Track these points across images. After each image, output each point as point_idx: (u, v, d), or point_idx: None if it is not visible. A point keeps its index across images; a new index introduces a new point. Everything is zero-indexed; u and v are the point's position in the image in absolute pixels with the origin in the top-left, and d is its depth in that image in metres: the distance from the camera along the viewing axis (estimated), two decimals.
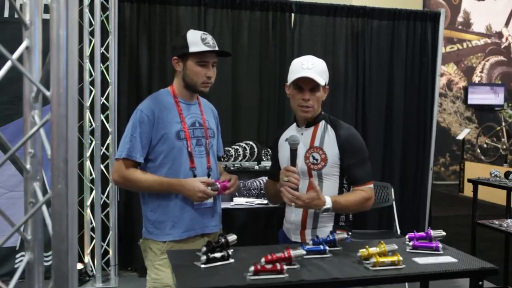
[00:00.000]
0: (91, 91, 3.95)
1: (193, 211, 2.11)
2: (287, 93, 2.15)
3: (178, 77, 2.18)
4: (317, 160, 2.06)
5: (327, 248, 1.79)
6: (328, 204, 1.97)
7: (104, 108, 3.93)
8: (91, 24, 3.91)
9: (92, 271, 3.97)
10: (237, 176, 2.21)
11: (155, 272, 2.10)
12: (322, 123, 2.13)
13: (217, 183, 2.09)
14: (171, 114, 2.12)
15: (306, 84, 2.04)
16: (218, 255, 1.68)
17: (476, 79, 9.26)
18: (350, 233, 2.11)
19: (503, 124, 8.26)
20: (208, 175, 2.15)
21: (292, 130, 2.20)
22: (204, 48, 2.08)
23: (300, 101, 2.06)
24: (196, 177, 2.10)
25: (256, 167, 4.04)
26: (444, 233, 1.91)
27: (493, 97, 9.05)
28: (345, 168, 2.07)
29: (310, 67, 2.03)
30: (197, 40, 2.09)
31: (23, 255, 3.43)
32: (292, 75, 2.06)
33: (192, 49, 2.08)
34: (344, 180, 2.11)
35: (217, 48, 2.15)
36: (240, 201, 3.96)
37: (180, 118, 2.12)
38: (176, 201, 2.09)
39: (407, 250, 1.86)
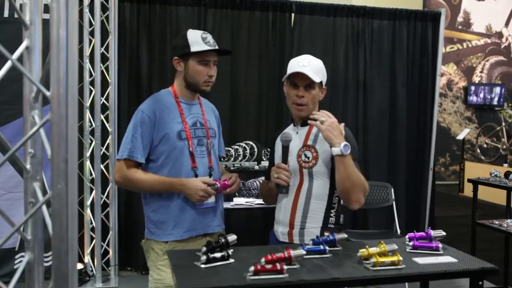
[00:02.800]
0: (91, 91, 3.95)
1: (194, 211, 2.11)
2: (285, 92, 2.15)
3: (179, 77, 2.18)
4: (308, 158, 2.05)
5: (327, 248, 1.79)
6: (347, 144, 1.92)
7: (104, 108, 3.93)
8: (91, 24, 3.91)
9: (92, 271, 3.97)
10: (237, 174, 2.21)
11: (157, 272, 2.09)
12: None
13: (217, 182, 2.09)
14: (172, 114, 2.12)
15: (301, 81, 2.04)
16: (218, 255, 1.68)
17: (476, 79, 9.26)
18: None
19: (503, 124, 8.27)
20: (210, 175, 2.15)
21: (289, 130, 2.19)
22: (206, 47, 2.09)
23: (295, 97, 2.06)
24: (198, 177, 2.10)
25: (256, 167, 4.04)
26: (444, 233, 1.91)
27: (493, 97, 9.05)
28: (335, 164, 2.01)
29: (306, 64, 2.03)
30: (198, 39, 2.10)
31: (22, 256, 3.43)
32: (288, 72, 2.06)
33: (193, 48, 2.08)
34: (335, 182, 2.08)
35: (217, 47, 2.15)
36: (240, 201, 3.96)
37: (181, 118, 2.12)
38: (178, 201, 2.09)
39: (407, 250, 1.86)
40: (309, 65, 2.04)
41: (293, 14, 4.39)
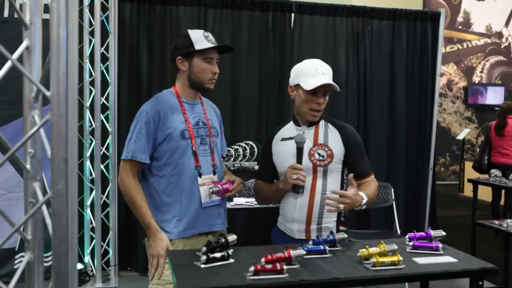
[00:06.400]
0: (91, 91, 3.95)
1: (198, 209, 2.11)
2: (292, 94, 2.16)
3: (181, 76, 2.18)
4: (323, 156, 2.10)
5: (327, 248, 1.79)
6: (365, 198, 2.03)
7: (104, 108, 3.93)
8: (91, 24, 3.91)
9: (92, 271, 3.97)
10: (241, 179, 2.21)
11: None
12: (322, 122, 2.19)
13: (219, 185, 2.10)
14: (175, 114, 2.13)
15: (321, 89, 2.07)
16: (218, 255, 1.68)
17: (476, 79, 9.26)
18: (347, 228, 2.18)
19: None
20: (214, 173, 2.16)
21: (290, 129, 2.20)
22: (209, 44, 2.11)
23: (314, 105, 2.09)
24: (202, 176, 2.11)
25: (256, 167, 4.03)
26: (444, 233, 1.91)
27: (493, 97, 9.05)
28: (352, 163, 2.15)
29: (324, 72, 2.07)
30: (200, 38, 2.12)
31: (22, 256, 3.42)
32: (308, 80, 2.06)
33: (197, 46, 2.10)
34: (344, 176, 2.16)
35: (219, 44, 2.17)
36: (240, 201, 3.96)
37: (184, 118, 2.14)
38: (181, 199, 2.10)
39: (407, 250, 1.86)
40: (327, 72, 2.08)
41: (293, 14, 4.39)
